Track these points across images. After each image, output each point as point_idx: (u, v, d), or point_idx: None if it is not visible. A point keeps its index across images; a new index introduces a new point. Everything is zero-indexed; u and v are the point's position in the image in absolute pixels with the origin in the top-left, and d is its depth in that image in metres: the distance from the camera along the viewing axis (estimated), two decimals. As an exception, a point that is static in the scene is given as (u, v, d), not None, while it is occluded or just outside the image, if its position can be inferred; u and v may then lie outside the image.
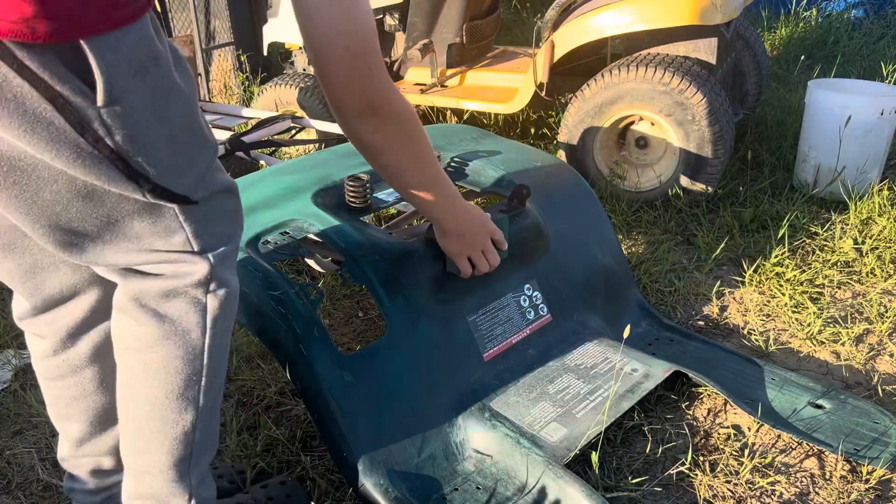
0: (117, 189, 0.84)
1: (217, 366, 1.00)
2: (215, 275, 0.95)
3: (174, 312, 0.94)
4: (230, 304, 0.99)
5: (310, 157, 1.77)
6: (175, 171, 0.86)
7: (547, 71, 2.55)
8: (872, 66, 4.04)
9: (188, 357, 0.96)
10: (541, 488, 1.24)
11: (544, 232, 1.64)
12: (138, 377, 0.97)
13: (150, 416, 0.98)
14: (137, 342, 0.95)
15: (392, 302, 1.39)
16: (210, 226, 0.94)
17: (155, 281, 0.93)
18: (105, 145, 0.78)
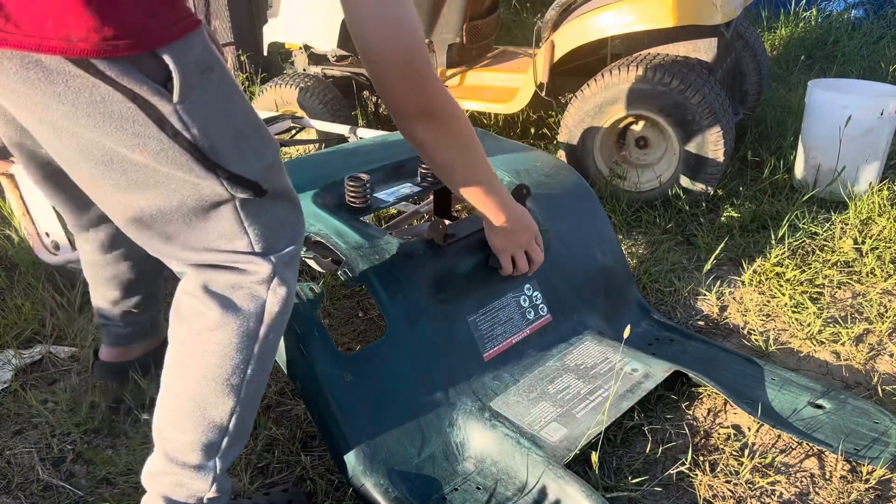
0: (198, 179, 0.93)
1: (265, 360, 1.08)
2: (277, 274, 1.03)
3: (237, 301, 1.02)
4: (288, 303, 1.07)
5: (310, 157, 1.77)
6: (246, 161, 0.96)
7: (547, 71, 2.55)
8: (872, 66, 4.04)
9: (241, 344, 1.03)
10: (541, 488, 1.24)
11: (544, 232, 1.64)
12: (192, 356, 1.04)
13: (193, 396, 1.04)
14: (199, 323, 1.03)
15: (392, 302, 1.39)
16: (271, 229, 1.02)
17: (224, 273, 1.02)
18: (183, 138, 0.89)
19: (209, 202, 0.96)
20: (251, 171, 0.97)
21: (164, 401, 1.08)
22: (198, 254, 1.01)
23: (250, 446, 1.45)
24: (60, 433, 1.54)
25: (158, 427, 1.09)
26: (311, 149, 3.02)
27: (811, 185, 2.56)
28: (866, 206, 2.37)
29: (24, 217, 2.11)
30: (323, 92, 2.91)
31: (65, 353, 1.81)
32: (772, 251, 2.13)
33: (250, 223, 1.00)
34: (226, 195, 0.96)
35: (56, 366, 1.78)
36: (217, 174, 0.93)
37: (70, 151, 0.91)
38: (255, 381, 1.07)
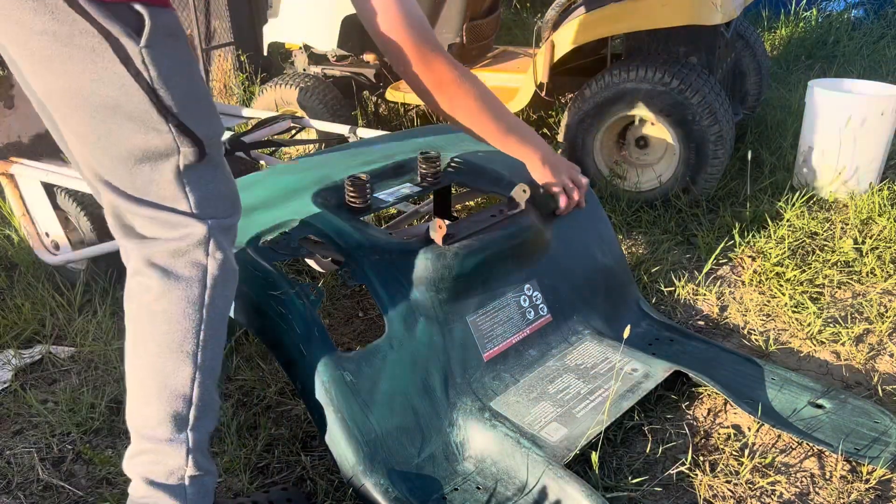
0: (150, 126, 1.00)
1: (216, 327, 1.12)
2: (213, 239, 1.08)
3: (179, 269, 1.07)
4: (228, 272, 1.12)
5: (310, 157, 1.77)
6: (194, 119, 1.04)
7: (547, 71, 2.55)
8: (872, 66, 4.04)
9: (189, 310, 1.08)
10: (541, 488, 1.24)
11: (544, 232, 1.64)
12: (142, 328, 1.09)
13: (153, 368, 1.08)
14: (145, 295, 1.08)
15: (392, 302, 1.39)
16: (209, 198, 1.09)
17: (164, 244, 1.07)
18: (143, 79, 0.98)
19: (156, 153, 1.02)
20: (198, 130, 1.04)
21: (129, 382, 1.11)
22: (140, 207, 1.05)
23: (250, 446, 1.45)
24: (60, 433, 1.54)
25: (128, 410, 1.12)
26: (311, 149, 3.02)
27: (811, 185, 2.56)
28: (866, 206, 2.37)
29: (24, 217, 2.11)
30: (323, 92, 2.92)
31: (65, 353, 1.81)
32: (772, 251, 2.13)
33: (191, 188, 1.06)
34: (172, 147, 1.02)
35: (56, 366, 1.78)
36: (168, 120, 1.01)
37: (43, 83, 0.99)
38: (210, 347, 1.11)
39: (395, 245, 1.45)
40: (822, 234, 2.27)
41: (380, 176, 1.70)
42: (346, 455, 1.24)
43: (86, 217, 1.99)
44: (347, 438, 1.24)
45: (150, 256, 1.07)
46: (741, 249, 2.20)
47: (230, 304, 1.15)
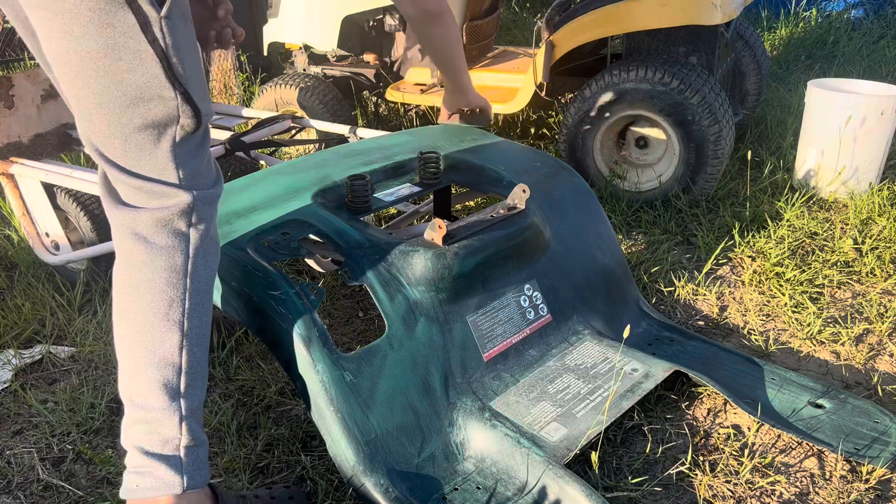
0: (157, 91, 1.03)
1: (201, 296, 1.14)
2: (196, 209, 1.11)
3: (162, 239, 1.10)
4: (210, 243, 1.15)
5: (310, 157, 1.77)
6: (197, 91, 1.08)
7: (547, 71, 2.55)
8: (872, 66, 4.04)
9: (173, 279, 1.10)
10: (541, 488, 1.24)
11: (544, 232, 1.64)
12: (128, 298, 1.11)
13: (140, 336, 1.10)
14: (130, 266, 1.10)
15: (392, 302, 1.39)
16: (197, 169, 1.12)
17: (148, 213, 1.09)
18: (158, 46, 1.02)
19: (156, 121, 1.05)
20: (199, 100, 1.09)
21: (119, 354, 1.13)
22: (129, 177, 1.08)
23: (250, 446, 1.45)
24: (60, 433, 1.54)
25: (121, 381, 1.13)
26: (311, 149, 3.02)
27: (811, 185, 2.56)
28: (866, 206, 2.37)
29: (24, 217, 2.11)
30: (323, 92, 2.92)
31: (65, 353, 1.81)
32: (772, 251, 2.13)
33: (181, 160, 1.09)
34: (173, 115, 1.06)
35: (56, 366, 1.78)
36: (175, 88, 1.04)
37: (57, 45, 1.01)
38: (196, 315, 1.13)
39: (395, 245, 1.45)
40: (822, 234, 2.27)
41: (380, 176, 1.70)
42: (346, 455, 1.24)
43: (86, 217, 1.99)
44: (347, 438, 1.24)
45: (134, 227, 1.10)
46: (741, 249, 2.20)
47: (213, 276, 1.18)
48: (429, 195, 2.21)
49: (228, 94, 4.08)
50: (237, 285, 1.34)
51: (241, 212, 1.50)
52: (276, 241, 1.42)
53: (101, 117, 1.04)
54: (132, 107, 1.04)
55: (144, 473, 1.10)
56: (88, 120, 1.05)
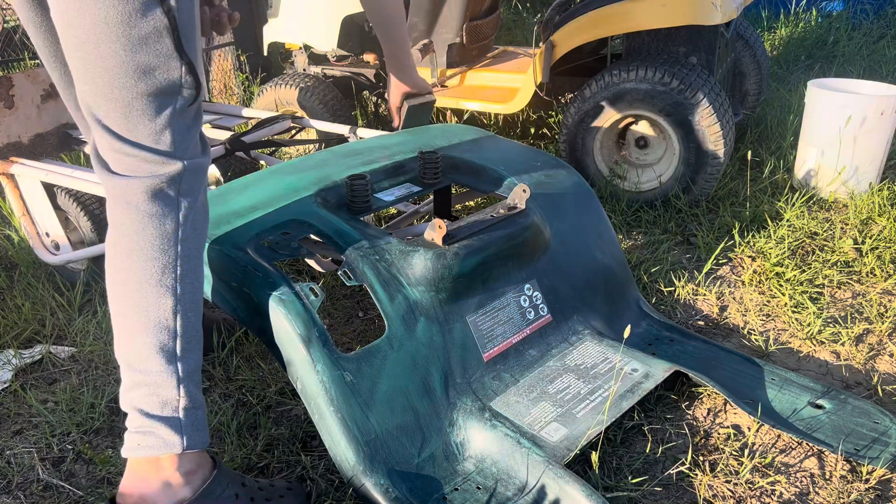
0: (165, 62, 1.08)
1: (193, 262, 1.18)
2: (185, 177, 1.15)
3: (153, 206, 1.13)
4: (199, 211, 1.19)
5: (310, 157, 1.77)
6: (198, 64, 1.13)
7: (547, 71, 2.55)
8: (872, 66, 4.04)
9: (164, 245, 1.14)
10: (541, 488, 1.24)
11: (544, 232, 1.64)
12: (121, 265, 1.14)
13: (135, 303, 1.14)
14: (121, 234, 1.14)
15: (392, 302, 1.39)
16: (189, 138, 1.16)
17: (138, 182, 1.12)
18: (172, 17, 1.06)
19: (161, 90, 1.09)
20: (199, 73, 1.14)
21: (114, 320, 1.17)
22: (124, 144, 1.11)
23: (250, 446, 1.45)
24: (60, 433, 1.54)
25: (117, 346, 1.17)
26: (312, 149, 3.02)
27: (811, 185, 2.56)
28: (866, 206, 2.37)
29: (24, 217, 2.11)
30: (323, 92, 2.92)
31: (65, 353, 1.81)
32: (772, 251, 2.13)
33: (176, 130, 1.13)
34: (177, 85, 1.10)
35: (56, 366, 1.78)
36: (181, 58, 1.09)
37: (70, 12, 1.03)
38: (188, 281, 1.17)
39: (395, 245, 1.45)
40: (822, 234, 2.27)
41: (380, 176, 1.70)
42: (346, 455, 1.24)
43: (86, 217, 1.99)
44: (347, 438, 1.24)
45: (126, 195, 1.13)
46: (741, 249, 2.20)
47: (203, 243, 1.22)
48: (429, 195, 2.21)
49: (228, 94, 4.08)
50: (237, 285, 1.34)
51: (241, 212, 1.50)
52: (276, 241, 1.42)
53: (106, 81, 1.07)
54: (139, 74, 1.07)
55: (146, 433, 1.14)
56: (92, 83, 1.07)
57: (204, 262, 1.41)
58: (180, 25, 1.08)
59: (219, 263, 1.37)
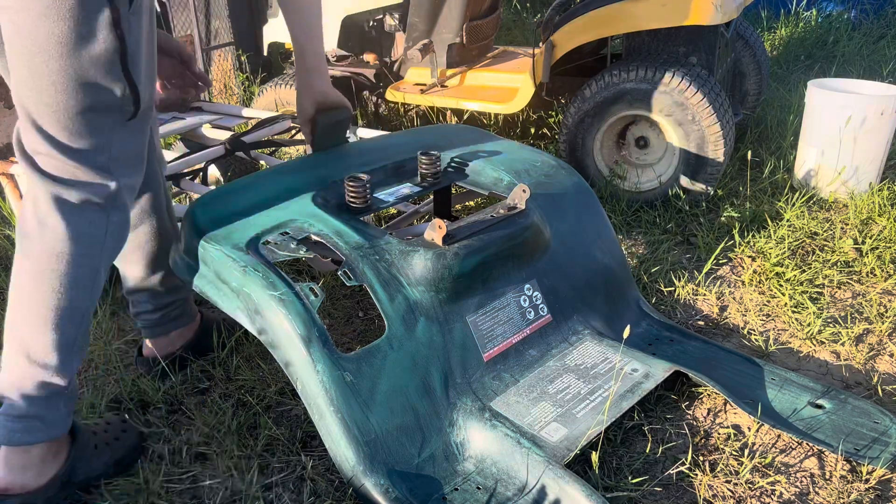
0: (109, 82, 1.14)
1: (105, 274, 1.28)
2: (118, 194, 1.24)
3: (84, 216, 1.21)
4: (124, 223, 1.29)
5: (310, 157, 1.77)
6: (142, 84, 1.21)
7: (547, 71, 2.55)
8: (872, 66, 4.04)
9: (90, 252, 1.23)
10: (541, 488, 1.24)
11: (544, 232, 1.64)
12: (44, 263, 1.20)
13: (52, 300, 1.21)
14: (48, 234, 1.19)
15: (392, 302, 1.39)
16: (126, 157, 1.24)
17: (74, 190, 1.19)
18: (123, 40, 1.13)
19: (103, 106, 1.16)
20: (142, 92, 1.21)
21: (20, 310, 1.23)
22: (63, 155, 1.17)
23: (250, 446, 1.45)
24: (60, 433, 1.54)
25: (15, 335, 1.24)
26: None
27: (811, 185, 2.56)
28: (866, 206, 2.37)
29: (24, 217, 2.10)
30: (323, 92, 2.91)
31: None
32: (772, 251, 2.13)
33: (115, 145, 1.21)
34: (116, 104, 1.17)
35: (56, 366, 1.78)
36: (124, 81, 1.16)
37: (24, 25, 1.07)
38: (100, 285, 1.28)
39: (395, 245, 1.45)
40: (822, 234, 2.27)
41: (380, 176, 1.70)
42: (346, 455, 1.24)
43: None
44: (347, 438, 1.24)
45: (61, 196, 1.19)
46: (741, 249, 2.20)
47: (121, 248, 1.32)
48: (429, 195, 2.21)
49: (228, 94, 4.08)
50: (237, 285, 1.34)
51: (241, 212, 1.50)
52: (276, 241, 1.42)
53: (52, 94, 1.11)
54: (85, 91, 1.13)
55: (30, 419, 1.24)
56: (37, 93, 1.12)
57: (203, 262, 1.41)
58: (129, 47, 1.14)
59: (219, 263, 1.37)
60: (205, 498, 1.35)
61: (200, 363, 1.73)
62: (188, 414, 1.57)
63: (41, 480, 1.28)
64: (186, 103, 2.35)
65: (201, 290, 1.41)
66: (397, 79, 3.04)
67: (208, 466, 1.42)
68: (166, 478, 1.39)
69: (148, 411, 1.58)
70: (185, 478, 1.39)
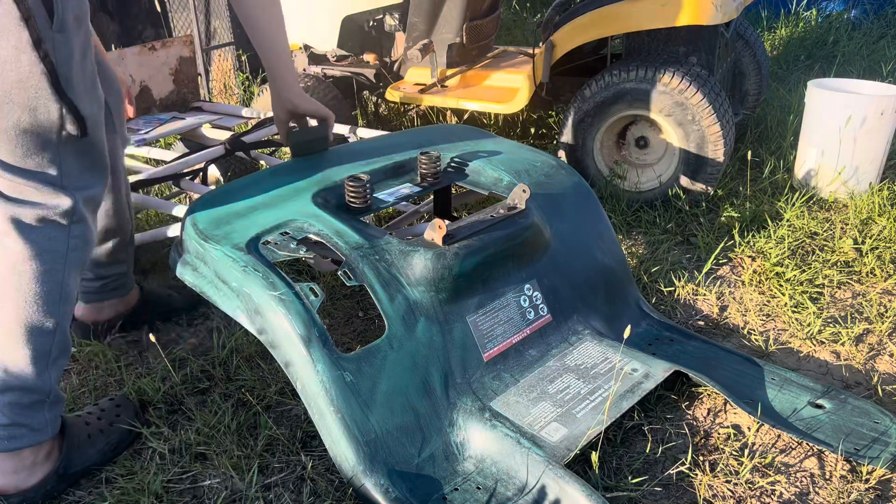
0: (42, 103, 1.13)
1: (73, 285, 1.31)
2: (77, 208, 1.25)
3: (44, 233, 1.23)
4: (86, 236, 1.30)
5: (310, 158, 1.77)
6: (82, 99, 1.20)
7: (547, 71, 2.55)
8: (872, 66, 4.04)
9: (53, 268, 1.26)
10: (541, 488, 1.24)
11: (544, 232, 1.64)
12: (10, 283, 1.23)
13: (22, 317, 1.24)
14: (12, 257, 1.22)
15: (392, 302, 1.39)
16: (80, 170, 1.25)
17: (31, 209, 1.21)
18: (49, 61, 1.11)
19: (42, 126, 1.16)
20: (84, 109, 1.20)
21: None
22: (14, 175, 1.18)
23: (250, 446, 1.45)
24: (60, 433, 1.54)
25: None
26: (311, 149, 3.01)
27: (811, 185, 2.56)
28: (866, 206, 2.37)
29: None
30: (323, 92, 2.92)
31: (65, 353, 1.81)
32: (772, 251, 2.13)
33: (65, 161, 1.21)
34: (56, 125, 1.17)
35: (56, 366, 1.78)
36: (60, 100, 1.15)
37: None
38: (69, 297, 1.30)
39: (395, 245, 1.45)
40: (822, 234, 2.27)
41: (380, 176, 1.70)
42: (346, 455, 1.24)
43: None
44: (347, 438, 1.24)
45: (17, 215, 1.21)
46: (741, 249, 2.20)
47: (86, 260, 1.34)
48: (429, 195, 2.21)
49: (228, 94, 4.08)
50: (237, 285, 1.34)
51: (241, 212, 1.50)
52: (276, 241, 1.42)
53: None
54: (18, 112, 1.13)
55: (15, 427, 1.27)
56: None
57: (203, 262, 1.41)
58: (58, 67, 1.13)
59: (218, 263, 1.37)
60: (205, 498, 1.35)
61: (200, 363, 1.73)
62: (188, 414, 1.57)
63: (34, 480, 1.31)
64: (187, 103, 2.35)
65: (201, 289, 1.41)
66: (397, 79, 3.04)
67: (208, 466, 1.41)
68: (166, 478, 1.39)
69: (148, 411, 1.58)
70: (185, 478, 1.39)
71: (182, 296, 1.97)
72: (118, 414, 1.50)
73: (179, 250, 1.51)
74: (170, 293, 1.97)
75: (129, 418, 1.50)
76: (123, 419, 1.50)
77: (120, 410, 1.51)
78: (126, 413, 1.51)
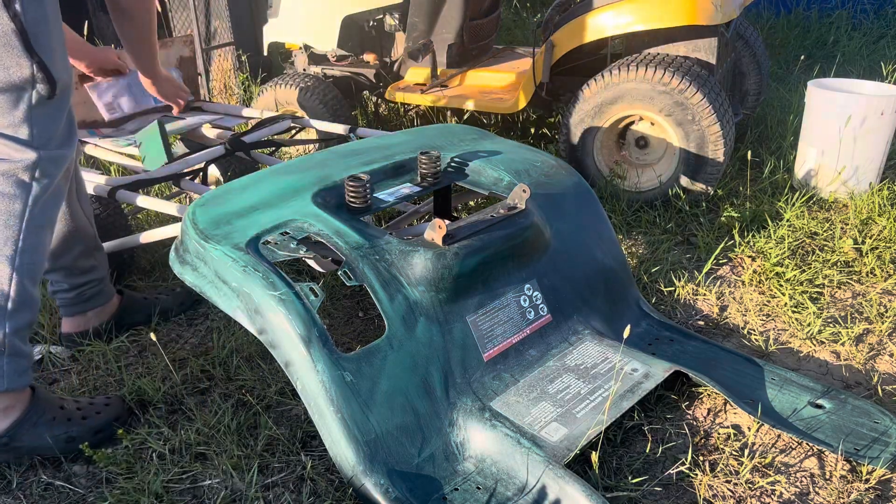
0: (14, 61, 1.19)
1: (34, 239, 1.34)
2: (41, 166, 1.30)
3: (4, 187, 1.28)
4: (50, 195, 1.35)
5: (310, 157, 1.77)
6: (54, 62, 1.25)
7: (547, 71, 2.55)
8: (872, 66, 4.04)
9: (10, 221, 1.30)
10: (541, 488, 1.24)
11: (544, 232, 1.64)
12: None
13: None
14: None
15: (392, 302, 1.39)
16: (49, 131, 1.30)
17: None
18: (19, 21, 1.17)
19: (14, 85, 1.21)
20: (55, 72, 1.25)
21: None
22: None
23: (250, 446, 1.45)
24: (60, 433, 1.54)
25: None
26: (312, 149, 3.02)
27: (811, 185, 2.56)
28: (866, 206, 2.37)
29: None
30: (323, 92, 2.92)
31: (65, 353, 1.81)
32: (772, 251, 2.13)
33: (35, 121, 1.27)
34: (28, 81, 1.22)
35: (56, 366, 1.78)
36: (31, 58, 1.21)
37: None
38: (27, 253, 1.33)
39: (395, 245, 1.45)
40: (822, 234, 2.27)
41: (380, 176, 1.70)
42: (346, 455, 1.24)
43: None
44: (347, 438, 1.24)
45: None
46: (741, 249, 2.20)
47: (52, 224, 1.39)
48: (429, 195, 2.21)
49: (228, 94, 4.08)
50: (237, 285, 1.34)
51: (241, 212, 1.50)
52: (276, 241, 1.42)
53: None
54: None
55: None
56: None
57: (203, 261, 1.41)
58: (28, 27, 1.19)
59: (219, 263, 1.37)
60: (205, 498, 1.35)
61: (200, 363, 1.73)
62: (188, 414, 1.57)
63: None
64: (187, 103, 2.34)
65: (201, 289, 1.41)
66: (397, 79, 3.04)
67: (208, 466, 1.42)
68: (166, 478, 1.39)
69: (148, 411, 1.58)
70: (185, 478, 1.39)
71: (171, 297, 1.97)
72: (99, 411, 1.49)
73: (179, 250, 1.51)
74: (157, 296, 1.96)
75: (102, 422, 1.48)
76: (102, 417, 1.48)
77: (105, 409, 1.50)
78: (108, 413, 1.50)
